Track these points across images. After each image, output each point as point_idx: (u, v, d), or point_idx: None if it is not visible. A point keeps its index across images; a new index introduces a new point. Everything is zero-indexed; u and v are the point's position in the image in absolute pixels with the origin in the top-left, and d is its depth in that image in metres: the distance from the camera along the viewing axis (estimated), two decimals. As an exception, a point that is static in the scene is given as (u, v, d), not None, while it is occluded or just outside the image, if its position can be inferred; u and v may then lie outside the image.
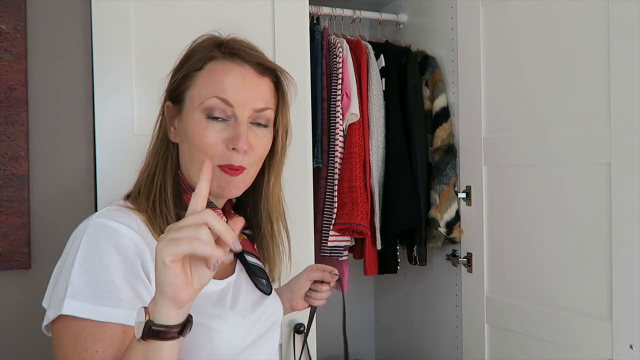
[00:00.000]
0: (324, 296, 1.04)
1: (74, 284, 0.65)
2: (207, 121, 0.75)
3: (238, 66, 0.77)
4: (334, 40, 1.79)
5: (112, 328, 0.65)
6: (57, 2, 1.26)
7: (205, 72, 0.77)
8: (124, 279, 0.67)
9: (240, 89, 0.76)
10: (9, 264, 1.20)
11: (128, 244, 0.69)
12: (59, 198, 1.27)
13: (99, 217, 0.72)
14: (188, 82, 0.78)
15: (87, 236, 0.69)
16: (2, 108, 1.20)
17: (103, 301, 0.65)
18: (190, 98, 0.77)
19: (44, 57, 1.25)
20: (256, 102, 0.77)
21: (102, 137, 1.26)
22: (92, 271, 0.66)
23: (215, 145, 0.75)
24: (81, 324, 0.64)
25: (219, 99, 0.75)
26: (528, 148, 1.46)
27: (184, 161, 0.79)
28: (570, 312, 1.35)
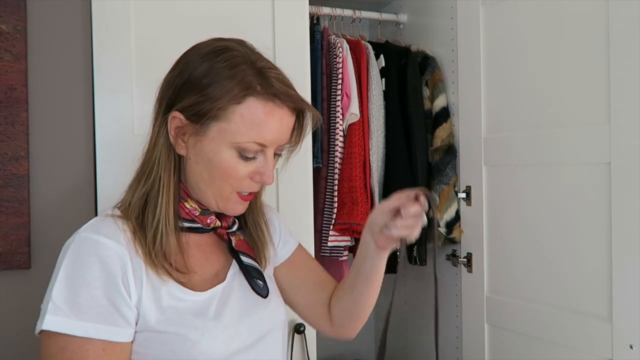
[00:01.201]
0: (409, 223, 0.78)
1: (55, 300, 0.67)
2: (238, 158, 0.76)
3: (278, 109, 0.76)
4: (334, 40, 1.79)
5: (94, 344, 0.67)
6: (57, 2, 1.26)
7: (244, 108, 0.74)
8: (104, 294, 0.69)
9: (276, 132, 0.76)
10: (9, 264, 1.20)
11: (111, 257, 0.71)
12: (59, 198, 1.27)
13: (84, 231, 0.73)
14: (222, 114, 0.74)
15: (71, 251, 0.71)
16: (2, 108, 1.20)
17: (82, 316, 0.67)
18: (220, 129, 0.74)
19: (44, 57, 1.25)
20: (283, 140, 0.79)
21: (102, 137, 1.26)
22: (73, 287, 0.68)
23: (242, 177, 0.77)
24: (65, 339, 0.67)
25: (257, 144, 0.75)
26: (528, 148, 1.46)
27: (196, 179, 0.79)
28: (570, 312, 1.35)
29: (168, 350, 0.72)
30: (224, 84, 0.73)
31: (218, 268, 0.84)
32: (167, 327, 0.72)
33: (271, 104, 0.75)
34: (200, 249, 0.83)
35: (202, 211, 0.81)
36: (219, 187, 0.77)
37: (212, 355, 0.75)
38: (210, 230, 0.85)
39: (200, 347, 0.74)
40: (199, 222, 0.82)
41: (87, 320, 0.67)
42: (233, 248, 0.84)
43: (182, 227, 0.80)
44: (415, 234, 0.79)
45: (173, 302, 0.74)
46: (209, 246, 0.85)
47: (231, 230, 0.86)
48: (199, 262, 0.81)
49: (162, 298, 0.74)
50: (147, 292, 0.73)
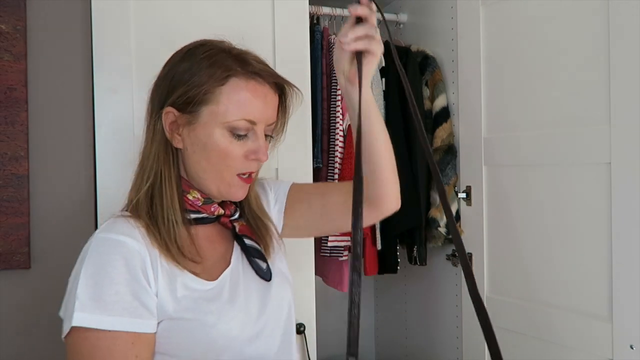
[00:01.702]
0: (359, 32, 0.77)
1: (81, 298, 0.70)
2: (230, 137, 0.80)
3: (260, 86, 0.82)
4: (334, 40, 1.79)
5: (123, 337, 0.70)
6: (57, 2, 1.26)
7: (228, 88, 0.79)
8: (127, 288, 0.72)
9: (262, 108, 0.82)
10: (8, 264, 1.20)
11: (130, 253, 0.74)
12: (59, 198, 1.27)
13: (100, 232, 0.76)
14: (208, 97, 0.79)
15: (91, 252, 0.73)
16: (2, 108, 1.20)
17: (109, 311, 0.70)
18: (210, 113, 0.79)
19: (44, 57, 1.25)
20: (270, 117, 0.84)
21: (101, 137, 1.26)
22: (97, 284, 0.71)
23: (238, 157, 0.81)
24: (95, 335, 0.69)
25: (246, 121, 0.80)
26: (528, 148, 1.46)
27: (195, 169, 0.83)
28: (570, 312, 1.35)
29: (187, 336, 0.75)
30: (206, 71, 0.79)
31: (225, 254, 0.88)
32: (184, 314, 0.75)
33: (253, 81, 0.81)
34: (208, 239, 0.87)
35: (205, 200, 0.85)
36: (218, 172, 0.81)
37: (229, 336, 0.78)
38: (215, 220, 0.88)
39: (218, 329, 0.77)
40: (204, 211, 0.85)
41: (114, 315, 0.70)
42: (237, 233, 0.88)
43: (190, 219, 0.83)
44: (375, 44, 0.78)
45: (187, 292, 0.77)
46: (215, 236, 0.89)
47: (233, 218, 0.90)
48: (208, 252, 0.85)
49: (177, 289, 0.77)
50: (163, 284, 0.76)
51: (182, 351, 0.75)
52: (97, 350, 0.69)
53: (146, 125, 0.86)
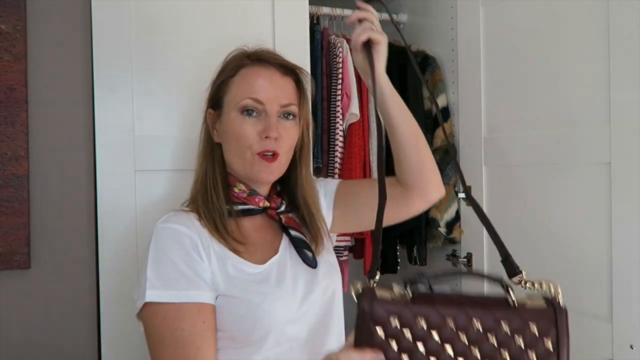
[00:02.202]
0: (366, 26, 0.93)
1: (150, 278, 0.81)
2: (242, 117, 0.90)
3: (265, 69, 0.92)
4: (334, 40, 1.79)
5: (189, 307, 0.80)
6: (57, 2, 1.26)
7: (238, 77, 0.92)
8: (187, 266, 0.82)
9: (268, 88, 0.90)
10: (8, 264, 1.20)
11: (182, 236, 0.85)
12: (59, 198, 1.27)
13: (160, 223, 0.87)
14: (224, 89, 0.93)
15: (153, 240, 0.86)
16: (2, 108, 1.20)
17: (176, 286, 0.81)
18: (227, 102, 0.92)
19: (44, 57, 1.25)
20: (282, 98, 0.91)
21: (101, 137, 1.26)
22: (160, 265, 0.82)
23: (251, 136, 0.89)
24: (164, 308, 0.80)
25: (251, 99, 0.89)
26: (528, 148, 1.46)
27: (228, 156, 0.94)
28: (570, 312, 1.35)
29: (236, 313, 0.83)
30: (224, 70, 0.95)
31: (272, 243, 0.95)
32: (234, 292, 0.84)
33: (258, 66, 0.92)
34: (256, 230, 0.95)
35: (250, 192, 0.94)
36: (240, 153, 0.90)
37: (273, 316, 0.84)
38: (261, 211, 0.95)
39: (263, 307, 0.84)
40: (249, 202, 0.94)
41: (178, 289, 0.80)
42: (283, 225, 0.95)
43: (237, 211, 0.93)
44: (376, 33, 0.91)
45: (237, 274, 0.86)
46: (263, 228, 0.96)
47: (280, 210, 0.97)
48: (256, 240, 0.93)
49: (229, 270, 0.86)
50: (215, 264, 0.85)
51: (232, 327, 0.83)
52: (168, 320, 0.79)
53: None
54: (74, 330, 1.27)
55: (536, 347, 0.57)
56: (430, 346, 0.57)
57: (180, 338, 0.78)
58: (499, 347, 0.57)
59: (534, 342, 0.57)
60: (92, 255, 1.28)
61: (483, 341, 0.57)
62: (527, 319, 0.58)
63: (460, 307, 0.59)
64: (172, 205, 1.33)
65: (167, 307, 0.80)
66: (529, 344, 0.57)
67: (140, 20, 1.29)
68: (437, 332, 0.58)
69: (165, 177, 1.32)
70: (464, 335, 0.58)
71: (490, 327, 0.58)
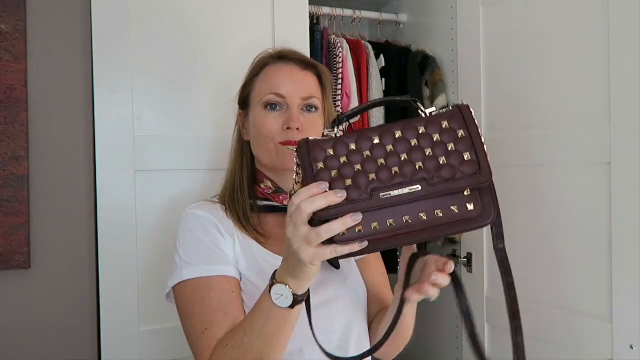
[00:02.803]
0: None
1: (184, 258, 0.87)
2: (266, 112, 0.93)
3: (285, 65, 0.96)
4: (334, 40, 1.79)
5: (218, 280, 0.85)
6: (57, 2, 1.26)
7: (261, 75, 0.97)
8: (212, 244, 0.88)
9: (289, 82, 0.94)
10: (9, 264, 1.20)
11: (207, 220, 0.91)
12: (59, 198, 1.27)
13: (189, 209, 0.93)
14: (250, 87, 0.98)
15: (182, 224, 0.92)
16: (2, 108, 1.20)
17: (206, 262, 0.86)
18: (253, 99, 0.97)
19: (44, 57, 1.25)
20: (302, 92, 0.94)
21: (101, 137, 1.26)
22: (188, 245, 0.88)
23: (275, 128, 0.92)
24: (195, 282, 0.85)
25: (273, 94, 0.93)
26: (528, 148, 1.46)
27: (255, 151, 0.97)
28: (570, 312, 1.35)
29: (250, 296, 0.85)
30: (250, 70, 1.00)
31: None
32: (251, 275, 0.88)
33: (279, 63, 0.97)
34: (280, 227, 0.95)
35: (275, 189, 0.96)
36: (265, 145, 0.93)
37: None
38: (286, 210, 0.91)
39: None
40: (273, 199, 0.96)
41: (208, 264, 0.86)
42: None
43: (261, 207, 0.96)
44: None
45: (259, 261, 0.90)
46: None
47: None
48: (278, 237, 0.94)
49: (253, 256, 0.90)
50: (238, 246, 0.90)
51: (247, 309, 0.85)
52: (197, 292, 0.83)
53: None
54: (74, 330, 1.27)
55: (451, 136, 0.66)
56: (357, 159, 0.66)
57: (208, 305, 0.82)
58: (420, 146, 0.66)
59: (448, 133, 0.66)
60: (92, 255, 1.28)
61: (405, 144, 0.66)
62: (438, 120, 0.67)
63: (383, 128, 0.68)
64: (172, 204, 1.33)
65: (198, 281, 0.85)
66: (444, 136, 0.66)
67: (140, 20, 1.29)
68: (365, 149, 0.66)
69: (165, 176, 1.32)
70: (389, 145, 0.66)
71: (409, 134, 0.66)
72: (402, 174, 0.64)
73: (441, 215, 0.64)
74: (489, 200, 0.68)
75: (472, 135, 0.67)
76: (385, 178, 0.64)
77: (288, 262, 0.70)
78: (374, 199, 0.63)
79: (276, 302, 0.72)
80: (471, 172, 0.65)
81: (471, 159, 0.65)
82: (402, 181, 0.64)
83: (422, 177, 0.64)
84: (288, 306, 0.72)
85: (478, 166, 0.66)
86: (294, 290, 0.71)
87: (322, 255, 0.64)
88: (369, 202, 0.63)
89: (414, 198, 0.63)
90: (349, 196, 0.63)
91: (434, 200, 0.64)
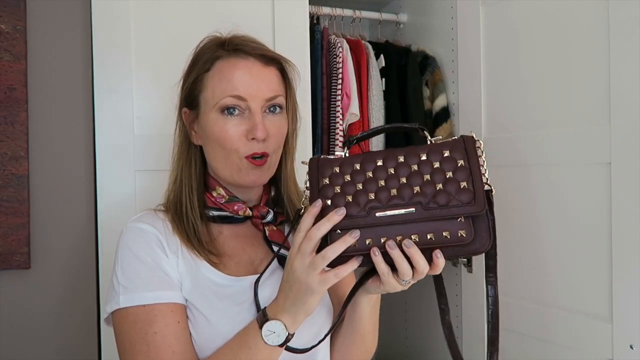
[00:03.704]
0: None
1: (122, 283, 0.76)
2: (224, 118, 0.80)
3: (243, 60, 0.81)
4: (334, 40, 1.79)
5: (161, 308, 0.74)
6: (57, 2, 1.26)
7: (213, 72, 0.81)
8: (156, 266, 0.77)
9: (249, 82, 0.80)
10: (9, 264, 1.20)
11: (149, 236, 0.79)
12: (59, 198, 1.27)
13: (131, 221, 0.82)
14: (200, 86, 0.82)
15: (120, 240, 0.80)
16: (2, 108, 1.20)
17: (147, 287, 0.75)
18: (204, 100, 0.82)
19: (44, 57, 1.25)
20: (266, 92, 0.81)
21: (101, 137, 1.26)
22: (129, 266, 0.77)
23: (236, 138, 0.80)
24: (134, 312, 0.74)
25: (231, 97, 0.79)
26: (528, 148, 1.46)
27: (211, 161, 0.84)
28: (570, 312, 1.35)
29: (196, 325, 0.77)
30: (196, 64, 0.83)
31: (254, 259, 0.86)
32: (196, 300, 0.77)
33: (234, 57, 0.81)
34: (237, 239, 0.86)
35: (229, 198, 0.85)
36: (226, 157, 0.81)
37: (225, 338, 0.76)
38: (243, 220, 0.87)
39: (218, 328, 0.76)
40: (226, 209, 0.85)
41: (150, 290, 0.75)
42: (267, 238, 0.86)
43: (213, 217, 0.85)
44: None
45: (207, 283, 0.79)
46: (246, 237, 0.87)
47: (266, 220, 0.87)
48: (234, 251, 0.84)
49: (199, 276, 0.79)
50: (182, 265, 0.79)
51: (193, 341, 0.77)
52: (139, 324, 0.73)
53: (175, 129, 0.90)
54: (74, 330, 1.27)
55: (450, 165, 0.69)
56: (360, 178, 0.69)
57: (152, 342, 0.72)
58: (419, 171, 0.69)
59: (448, 162, 0.69)
60: (92, 255, 1.28)
61: (406, 168, 0.69)
62: (440, 148, 0.70)
63: (388, 152, 0.71)
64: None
65: (138, 310, 0.74)
66: (444, 164, 0.69)
67: (140, 20, 1.29)
68: (369, 169, 0.70)
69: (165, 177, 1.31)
70: (391, 168, 0.69)
71: (411, 159, 0.70)
72: (400, 195, 0.67)
73: (433, 238, 0.67)
74: (484, 229, 0.70)
75: (471, 166, 0.69)
76: (384, 198, 0.67)
77: (287, 296, 0.68)
78: (370, 216, 0.67)
79: (266, 340, 0.68)
80: (466, 201, 0.67)
81: (467, 188, 0.68)
82: (399, 202, 0.67)
83: (418, 201, 0.67)
84: (278, 344, 0.68)
85: (473, 196, 0.68)
86: (288, 328, 0.68)
87: (328, 280, 0.65)
88: (365, 219, 0.67)
89: (408, 219, 0.66)
90: (348, 212, 0.67)
91: (427, 223, 0.67)
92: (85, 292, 1.28)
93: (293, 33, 1.42)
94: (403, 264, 0.67)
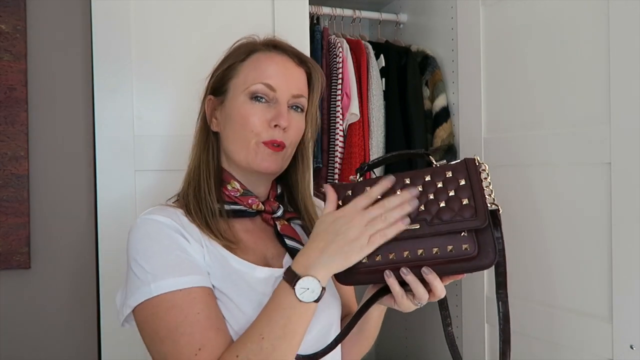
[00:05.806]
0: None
1: (150, 271, 0.74)
2: (251, 103, 0.84)
3: (279, 55, 0.87)
4: (334, 40, 1.79)
5: (197, 291, 0.74)
6: (57, 2, 1.26)
7: (249, 62, 0.86)
8: (181, 250, 0.76)
9: (281, 75, 0.85)
10: (9, 264, 1.20)
11: (168, 226, 0.78)
12: (59, 198, 1.27)
13: (143, 215, 0.80)
14: (232, 73, 0.87)
15: (138, 233, 0.78)
16: (2, 108, 1.20)
17: (179, 273, 0.74)
18: (234, 86, 0.86)
19: (44, 57, 1.25)
20: (294, 88, 0.86)
21: (101, 137, 1.26)
22: (156, 256, 0.75)
23: (260, 123, 0.83)
24: (170, 298, 0.72)
25: (263, 84, 0.83)
26: (528, 148, 1.46)
27: (228, 144, 0.86)
28: (570, 312, 1.35)
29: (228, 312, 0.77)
30: (232, 54, 0.88)
31: (266, 254, 0.88)
32: (227, 288, 0.78)
33: (272, 51, 0.87)
34: (248, 233, 0.88)
35: (243, 192, 0.87)
36: (244, 140, 0.83)
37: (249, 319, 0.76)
38: (255, 214, 0.89)
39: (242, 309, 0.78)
40: (241, 203, 0.86)
41: (181, 275, 0.74)
42: (278, 232, 0.88)
43: (227, 211, 0.85)
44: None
45: (236, 270, 0.80)
46: (257, 232, 0.89)
47: (276, 215, 0.90)
48: (248, 244, 0.86)
49: (227, 264, 0.80)
50: (207, 255, 0.79)
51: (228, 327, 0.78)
52: (176, 309, 0.72)
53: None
54: (74, 330, 1.27)
55: (453, 185, 0.73)
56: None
57: (196, 322, 0.71)
58: (424, 191, 0.73)
59: (451, 182, 0.73)
60: (92, 255, 1.28)
61: (411, 188, 0.74)
62: (443, 170, 0.75)
63: (397, 176, 0.76)
64: (172, 205, 1.33)
65: (174, 295, 0.72)
66: (447, 184, 0.73)
67: (140, 20, 1.29)
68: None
69: (166, 177, 1.32)
70: (399, 190, 0.74)
71: (417, 181, 0.74)
72: None
73: (438, 253, 0.71)
74: (489, 244, 0.73)
75: (472, 183, 0.74)
76: None
77: (324, 251, 0.70)
78: None
79: (300, 297, 0.69)
80: (468, 216, 0.71)
81: (469, 204, 0.72)
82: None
83: (423, 218, 0.72)
84: (314, 300, 0.69)
85: (474, 211, 0.72)
86: (322, 283, 0.69)
87: (375, 241, 0.70)
88: None
89: (414, 235, 0.71)
90: None
91: (433, 239, 0.71)
92: (86, 292, 1.28)
93: (293, 33, 1.42)
94: (419, 289, 0.71)
